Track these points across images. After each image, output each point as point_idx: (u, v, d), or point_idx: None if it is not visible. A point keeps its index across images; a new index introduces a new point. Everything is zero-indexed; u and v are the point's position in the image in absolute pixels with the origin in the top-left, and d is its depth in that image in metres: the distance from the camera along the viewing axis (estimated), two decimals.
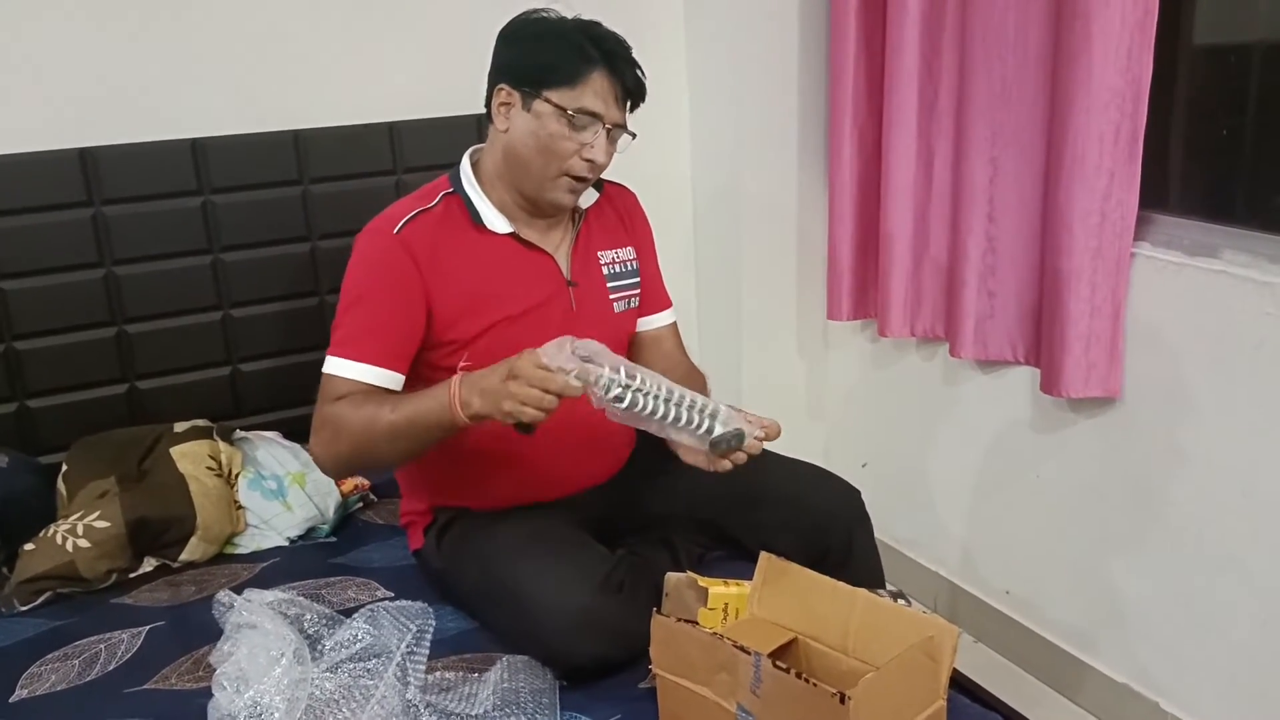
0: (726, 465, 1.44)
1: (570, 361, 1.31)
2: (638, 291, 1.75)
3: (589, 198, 1.71)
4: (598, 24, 1.58)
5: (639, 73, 1.59)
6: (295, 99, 2.16)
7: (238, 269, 2.13)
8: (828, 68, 2.38)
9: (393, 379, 1.53)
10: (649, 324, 1.81)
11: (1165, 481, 1.90)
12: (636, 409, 1.35)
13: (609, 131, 1.55)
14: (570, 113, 1.52)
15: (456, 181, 1.63)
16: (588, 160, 1.55)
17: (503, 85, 1.57)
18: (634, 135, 1.61)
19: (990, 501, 2.32)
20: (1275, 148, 1.83)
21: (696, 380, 1.77)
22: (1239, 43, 1.92)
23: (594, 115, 1.53)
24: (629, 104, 1.59)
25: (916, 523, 2.52)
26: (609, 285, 1.70)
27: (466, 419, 1.39)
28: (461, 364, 1.49)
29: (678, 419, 1.38)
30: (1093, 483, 2.05)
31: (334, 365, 1.53)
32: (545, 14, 1.58)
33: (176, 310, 2.10)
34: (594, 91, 1.53)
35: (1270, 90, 1.84)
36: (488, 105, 1.60)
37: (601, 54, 1.53)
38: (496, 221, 1.61)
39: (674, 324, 1.84)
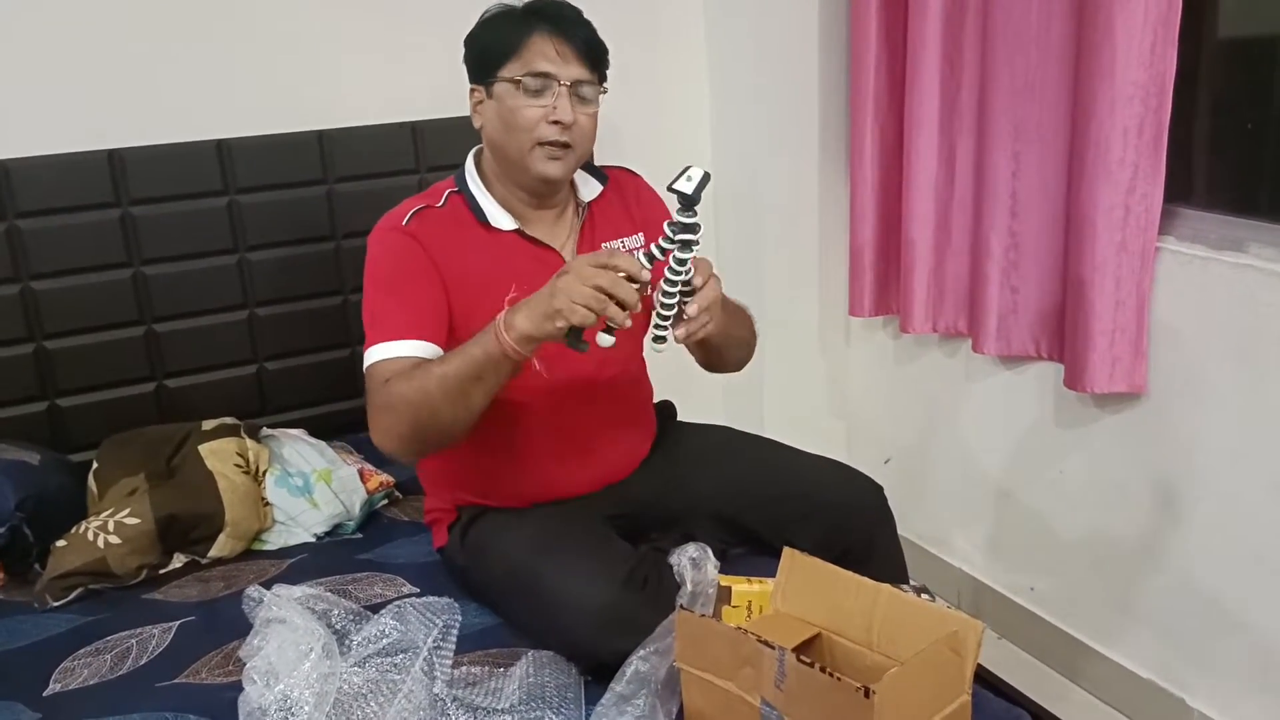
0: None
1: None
2: (649, 280, 1.75)
3: (591, 190, 1.70)
4: None
5: (591, 30, 1.57)
6: (319, 99, 2.18)
7: (263, 268, 2.15)
8: (848, 63, 2.37)
9: (430, 350, 1.50)
10: None
11: (1191, 477, 1.89)
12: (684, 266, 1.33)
13: (571, 89, 1.54)
14: (520, 79, 1.52)
15: (461, 181, 1.64)
16: (555, 122, 1.53)
17: (472, 86, 1.60)
18: (605, 88, 1.60)
19: (1014, 497, 2.31)
20: None
21: (743, 315, 1.75)
22: (1264, 35, 1.91)
23: (545, 75, 1.52)
24: (590, 61, 1.56)
25: (940, 519, 2.52)
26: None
27: (513, 342, 1.34)
28: (509, 296, 1.47)
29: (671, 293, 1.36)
30: (1118, 478, 2.04)
31: (373, 354, 1.50)
32: (497, 6, 1.60)
33: (203, 309, 2.12)
34: (540, 53, 1.53)
35: None
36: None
37: (540, 17, 1.54)
38: (501, 219, 1.61)
39: None
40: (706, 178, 1.28)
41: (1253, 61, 1.92)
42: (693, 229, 1.31)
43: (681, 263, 1.33)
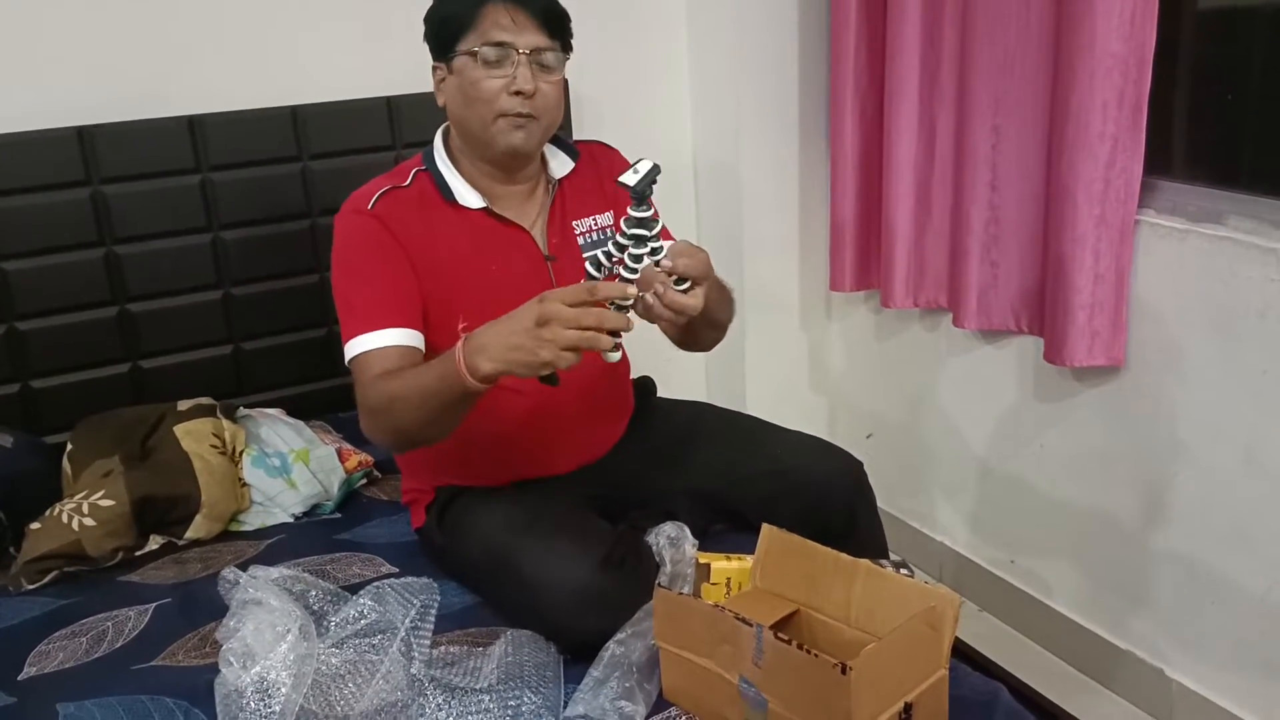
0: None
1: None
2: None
3: (562, 166, 1.68)
4: None
5: None
6: (292, 74, 2.15)
7: (238, 246, 2.13)
8: (829, 38, 2.35)
9: (413, 336, 1.50)
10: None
11: (1169, 449, 1.90)
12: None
13: (530, 56, 1.51)
14: (477, 50, 1.50)
15: (429, 159, 1.62)
16: (516, 93, 1.51)
17: (434, 65, 1.58)
18: (566, 53, 1.57)
19: (994, 472, 2.32)
20: None
21: (727, 297, 1.69)
22: (1243, 6, 1.90)
23: (502, 44, 1.50)
24: (548, 28, 1.53)
25: (921, 494, 2.52)
26: (585, 255, 1.67)
27: (477, 384, 1.30)
28: (461, 326, 1.45)
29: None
30: (1097, 451, 2.04)
31: (356, 345, 1.49)
32: None
33: (177, 288, 2.10)
34: (495, 23, 1.50)
35: (1275, 54, 1.82)
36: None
37: None
38: (469, 196, 1.59)
39: None
40: (655, 170, 1.24)
41: (1232, 33, 1.91)
42: (645, 224, 1.26)
43: (637, 259, 1.28)
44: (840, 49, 2.28)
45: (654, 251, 1.30)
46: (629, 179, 1.25)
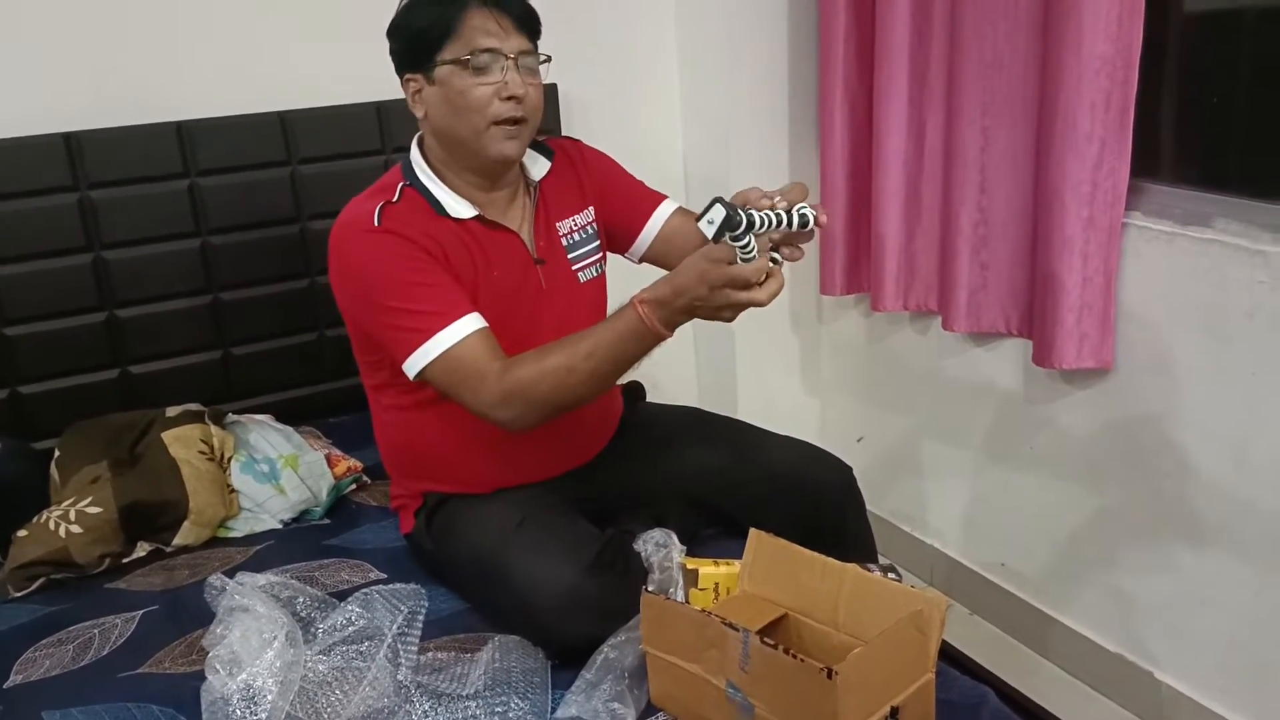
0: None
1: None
2: (599, 256, 1.73)
3: (540, 168, 1.67)
4: None
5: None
6: (280, 79, 2.14)
7: (227, 251, 2.12)
8: (818, 38, 2.35)
9: (481, 318, 1.50)
10: (658, 222, 1.77)
11: (1158, 452, 1.90)
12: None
13: (516, 62, 1.50)
14: (465, 59, 1.48)
15: (410, 173, 1.59)
16: (508, 99, 1.50)
17: (405, 76, 1.56)
18: (548, 57, 1.56)
19: (985, 474, 2.32)
20: (1267, 114, 1.81)
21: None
22: (1230, 8, 1.90)
23: (490, 51, 1.49)
24: (529, 30, 1.53)
25: (912, 497, 2.52)
26: (569, 256, 1.68)
27: (670, 334, 1.39)
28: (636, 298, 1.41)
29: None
30: (1086, 454, 2.04)
31: (440, 342, 1.46)
32: None
33: (166, 294, 2.09)
34: (479, 29, 1.48)
35: (1262, 56, 1.82)
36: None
37: None
38: (458, 207, 1.57)
39: (680, 208, 1.80)
40: (727, 222, 1.27)
41: (1219, 34, 1.91)
42: (737, 237, 1.30)
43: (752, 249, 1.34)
44: (829, 49, 2.28)
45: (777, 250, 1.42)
46: (706, 230, 1.28)
